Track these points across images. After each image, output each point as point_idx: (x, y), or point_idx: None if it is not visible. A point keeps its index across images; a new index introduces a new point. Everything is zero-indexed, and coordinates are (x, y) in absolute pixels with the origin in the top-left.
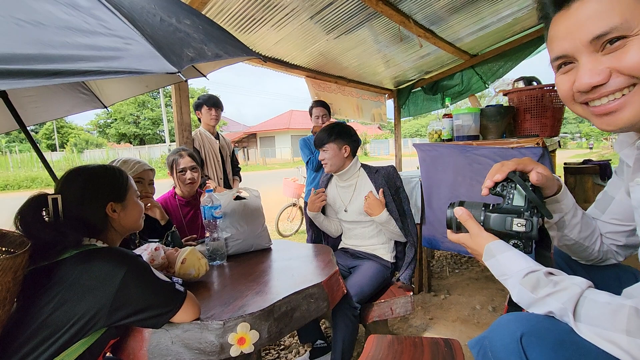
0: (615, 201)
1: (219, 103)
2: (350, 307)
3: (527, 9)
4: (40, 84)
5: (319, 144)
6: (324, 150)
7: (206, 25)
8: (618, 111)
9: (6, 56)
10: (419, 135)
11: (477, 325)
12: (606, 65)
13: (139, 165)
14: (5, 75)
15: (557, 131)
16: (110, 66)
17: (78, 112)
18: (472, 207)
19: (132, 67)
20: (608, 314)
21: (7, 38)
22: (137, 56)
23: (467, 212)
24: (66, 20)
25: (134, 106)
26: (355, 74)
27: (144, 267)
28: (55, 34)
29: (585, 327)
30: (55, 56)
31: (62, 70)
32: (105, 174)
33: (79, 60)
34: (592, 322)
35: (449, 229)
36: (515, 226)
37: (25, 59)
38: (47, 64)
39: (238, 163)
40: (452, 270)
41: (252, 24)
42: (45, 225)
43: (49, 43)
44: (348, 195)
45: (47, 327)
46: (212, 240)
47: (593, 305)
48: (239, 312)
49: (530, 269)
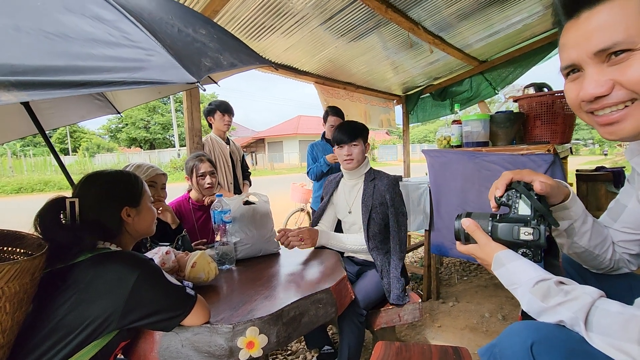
0: (627, 209)
1: (230, 109)
2: (356, 313)
3: (537, 15)
4: (68, 94)
5: (349, 138)
6: (354, 145)
7: (220, 34)
8: (620, 122)
9: (37, 68)
10: (427, 141)
11: (486, 333)
12: (610, 77)
13: (151, 170)
14: (37, 86)
15: (568, 138)
16: (134, 77)
17: (92, 117)
18: (479, 218)
19: (154, 77)
20: (620, 324)
21: (38, 50)
22: (158, 67)
23: (474, 223)
24: (92, 33)
25: (144, 111)
26: (364, 80)
27: (155, 270)
28: (82, 46)
29: (597, 337)
30: (82, 67)
31: (88, 81)
32: (121, 179)
33: (104, 72)
34: (604, 332)
35: (457, 240)
36: (523, 235)
37: (55, 71)
38: (75, 75)
39: (248, 168)
40: (460, 277)
41: (262, 31)
42: (62, 228)
43: (76, 55)
44: (353, 195)
45: (61, 329)
46: (221, 244)
47: (605, 315)
48: (248, 316)
49: (540, 278)
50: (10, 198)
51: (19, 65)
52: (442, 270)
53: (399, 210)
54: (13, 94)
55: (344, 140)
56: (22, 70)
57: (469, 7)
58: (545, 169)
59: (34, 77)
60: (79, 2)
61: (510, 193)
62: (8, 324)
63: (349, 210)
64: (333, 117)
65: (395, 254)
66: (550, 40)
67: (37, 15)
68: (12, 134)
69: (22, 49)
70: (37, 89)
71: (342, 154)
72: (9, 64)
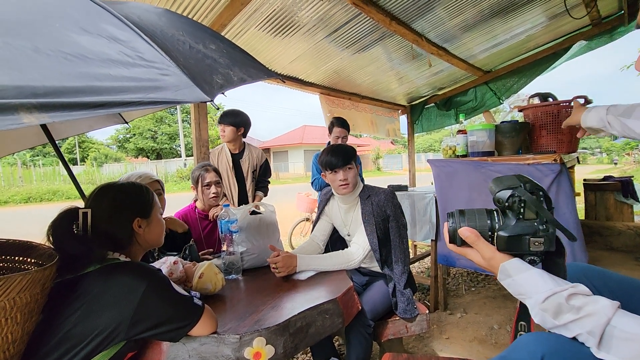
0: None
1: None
2: (363, 325)
3: (541, 26)
4: (87, 115)
5: (344, 162)
6: (349, 168)
7: (229, 48)
8: None
9: (57, 89)
10: (432, 150)
11: (494, 345)
12: None
13: (140, 180)
14: (57, 108)
15: (574, 147)
16: (149, 97)
17: (100, 127)
18: (477, 218)
19: (169, 97)
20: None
21: (58, 72)
22: (173, 86)
23: (475, 234)
24: (108, 54)
25: (152, 122)
26: (369, 90)
27: (163, 281)
28: (99, 67)
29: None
30: (100, 88)
31: (106, 102)
32: (133, 191)
33: (121, 92)
34: (623, 357)
35: (452, 242)
36: (533, 246)
37: (74, 92)
38: (93, 96)
39: (269, 175)
40: (468, 288)
41: (269, 43)
42: (74, 239)
43: (94, 76)
44: (350, 218)
45: (70, 339)
46: (228, 254)
47: (624, 338)
48: (255, 327)
49: (550, 292)
50: (19, 207)
51: (39, 87)
52: (449, 281)
53: (400, 222)
54: (34, 116)
55: (338, 164)
56: (43, 92)
57: (472, 19)
58: (552, 178)
59: (54, 99)
60: (94, 22)
61: (512, 194)
62: (18, 334)
63: (348, 232)
64: (338, 128)
65: (398, 267)
66: (555, 50)
67: (55, 36)
68: (23, 144)
69: (42, 71)
70: (57, 111)
71: (337, 179)
72: (30, 85)
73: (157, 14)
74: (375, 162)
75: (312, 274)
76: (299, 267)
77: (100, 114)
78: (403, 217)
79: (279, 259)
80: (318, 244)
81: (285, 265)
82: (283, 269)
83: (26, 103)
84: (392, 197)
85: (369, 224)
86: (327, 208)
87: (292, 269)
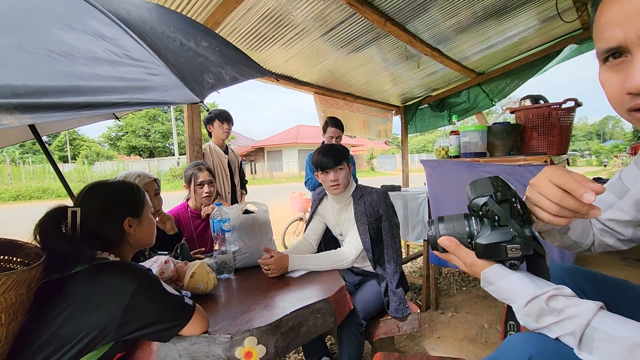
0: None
1: (230, 117)
2: (355, 324)
3: (534, 29)
4: (72, 116)
5: (334, 163)
6: (340, 169)
7: (222, 45)
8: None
9: (39, 89)
10: (426, 151)
11: (485, 344)
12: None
13: (139, 180)
14: (40, 108)
15: (565, 149)
16: (136, 98)
17: (91, 122)
18: (455, 225)
19: (157, 99)
20: (624, 353)
21: (41, 70)
22: (162, 87)
23: (455, 242)
24: (94, 52)
25: (145, 120)
26: (363, 90)
27: (154, 281)
28: (85, 65)
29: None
30: (85, 88)
31: (91, 103)
32: (124, 190)
33: (107, 92)
34: (604, 358)
35: (434, 250)
36: (510, 252)
37: (58, 92)
38: (78, 97)
39: (245, 176)
40: (459, 287)
41: (263, 42)
42: (62, 238)
43: (79, 75)
44: (342, 217)
45: (58, 340)
46: (220, 253)
47: (606, 339)
48: (246, 326)
49: (531, 296)
50: (7, 205)
51: (21, 86)
52: (441, 281)
53: (393, 222)
54: (15, 117)
55: (329, 164)
56: (25, 92)
57: (466, 21)
58: None
59: (36, 99)
60: (81, 19)
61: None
62: (3, 335)
63: (340, 232)
64: (332, 128)
65: (390, 267)
66: (546, 53)
67: (40, 33)
68: (9, 139)
69: (25, 69)
70: (40, 112)
71: (328, 179)
72: (11, 85)
73: (148, 10)
74: (369, 162)
75: (304, 272)
76: (291, 267)
77: (85, 115)
78: (396, 217)
79: (271, 260)
80: (311, 243)
81: (278, 267)
82: (275, 271)
83: (6, 104)
84: (385, 197)
85: (361, 224)
86: (320, 207)
87: (284, 269)
